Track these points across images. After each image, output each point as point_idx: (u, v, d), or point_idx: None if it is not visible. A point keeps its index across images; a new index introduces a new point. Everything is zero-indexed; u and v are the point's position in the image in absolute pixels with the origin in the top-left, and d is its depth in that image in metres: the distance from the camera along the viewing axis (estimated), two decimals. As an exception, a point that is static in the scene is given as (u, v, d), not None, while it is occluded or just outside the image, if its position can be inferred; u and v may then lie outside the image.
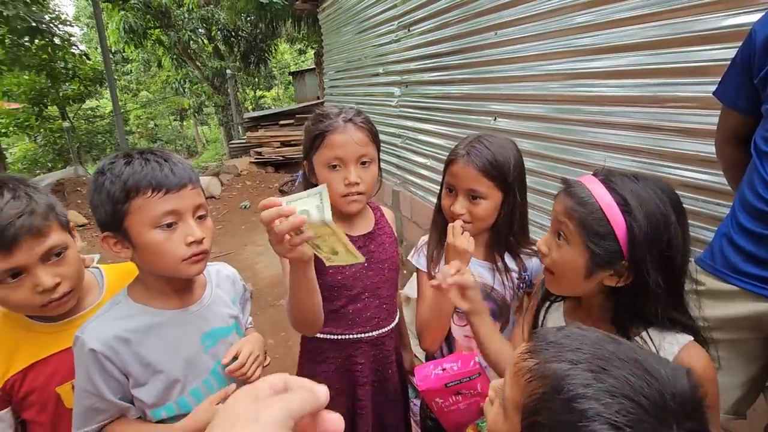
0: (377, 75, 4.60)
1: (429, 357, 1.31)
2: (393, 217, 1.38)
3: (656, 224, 0.75)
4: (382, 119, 4.49)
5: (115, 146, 11.35)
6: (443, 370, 1.03)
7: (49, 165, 10.06)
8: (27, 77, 8.92)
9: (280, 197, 0.81)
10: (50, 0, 8.77)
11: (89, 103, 13.82)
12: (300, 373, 1.30)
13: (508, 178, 1.07)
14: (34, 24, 6.93)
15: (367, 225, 1.24)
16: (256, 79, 16.90)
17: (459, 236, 1.06)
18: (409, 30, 3.71)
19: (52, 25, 7.82)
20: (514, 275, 1.17)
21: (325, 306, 1.10)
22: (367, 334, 1.21)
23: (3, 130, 9.85)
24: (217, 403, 0.94)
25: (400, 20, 3.88)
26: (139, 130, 18.22)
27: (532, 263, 1.18)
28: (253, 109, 16.67)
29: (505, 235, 1.15)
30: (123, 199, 0.83)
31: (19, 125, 9.64)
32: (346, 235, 0.84)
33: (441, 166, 3.49)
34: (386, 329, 1.23)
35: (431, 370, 1.04)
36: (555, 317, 0.98)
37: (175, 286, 0.96)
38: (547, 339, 0.55)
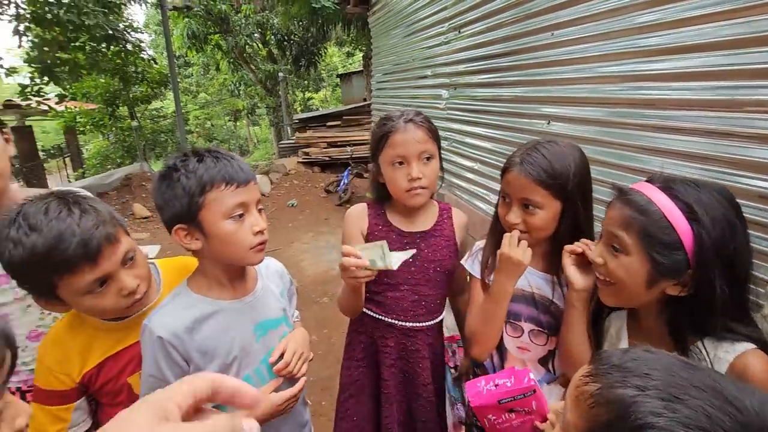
0: (425, 77, 4.60)
1: (477, 365, 1.29)
2: (464, 223, 1.38)
3: (723, 231, 0.72)
4: (429, 121, 4.48)
5: (175, 144, 12.15)
6: (496, 386, 1.00)
7: (119, 161, 10.98)
8: (103, 80, 9.78)
9: (355, 245, 1.09)
10: (125, 9, 9.54)
11: (154, 104, 14.90)
12: (346, 341, 1.45)
13: (567, 186, 1.02)
14: (111, 32, 7.58)
15: (425, 223, 1.31)
16: (306, 82, 17.42)
17: (514, 247, 1.03)
18: (459, 32, 3.68)
19: (125, 32, 8.51)
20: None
21: (368, 286, 1.23)
22: (399, 322, 1.30)
23: (81, 129, 10.91)
24: (270, 392, 0.99)
25: (451, 22, 3.86)
26: (197, 129, 19.39)
27: None
28: (302, 111, 17.20)
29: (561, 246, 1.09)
30: (198, 192, 0.90)
31: (95, 124, 10.61)
32: (404, 231, 1.26)
33: (489, 171, 3.45)
34: (420, 324, 1.30)
35: (483, 386, 1.02)
36: (615, 331, 0.94)
37: (231, 277, 1.02)
38: (611, 362, 0.51)
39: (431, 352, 1.33)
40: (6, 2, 6.70)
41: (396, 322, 1.29)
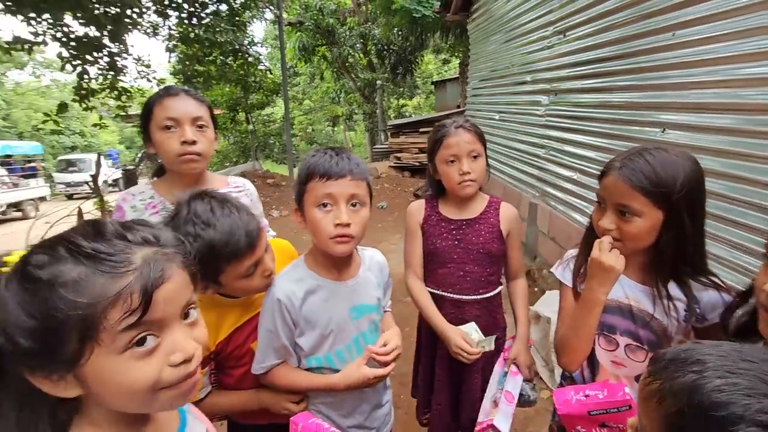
0: (523, 83, 4.47)
1: (564, 377, 1.27)
2: (513, 216, 1.53)
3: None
4: (525, 128, 4.34)
5: (282, 147, 13.40)
6: (586, 396, 0.98)
7: (235, 160, 12.49)
8: (228, 89, 11.22)
9: (459, 326, 1.41)
10: (248, 26, 10.85)
11: (266, 110, 16.64)
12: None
13: (671, 196, 0.95)
14: (237, 47, 8.68)
15: (472, 212, 1.51)
16: (401, 89, 17.90)
17: (605, 252, 0.99)
18: (564, 35, 3.52)
19: (248, 47, 9.67)
20: (681, 306, 1.05)
21: (426, 265, 1.54)
22: (448, 294, 1.51)
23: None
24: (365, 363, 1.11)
25: (556, 26, 3.71)
26: (300, 133, 21.13)
27: (706, 296, 1.03)
28: (395, 117, 17.71)
29: (670, 260, 1.02)
30: (304, 180, 1.06)
31: (218, 127, 12.21)
32: (452, 219, 1.50)
33: (590, 181, 3.25)
34: (466, 297, 1.50)
35: (572, 395, 0.99)
36: None
37: (334, 261, 1.13)
38: (666, 358, 0.55)
39: (478, 324, 1.48)
40: (162, 26, 8.09)
41: (445, 294, 1.51)
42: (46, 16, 5.60)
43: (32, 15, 5.50)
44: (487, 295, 1.52)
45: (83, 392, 0.54)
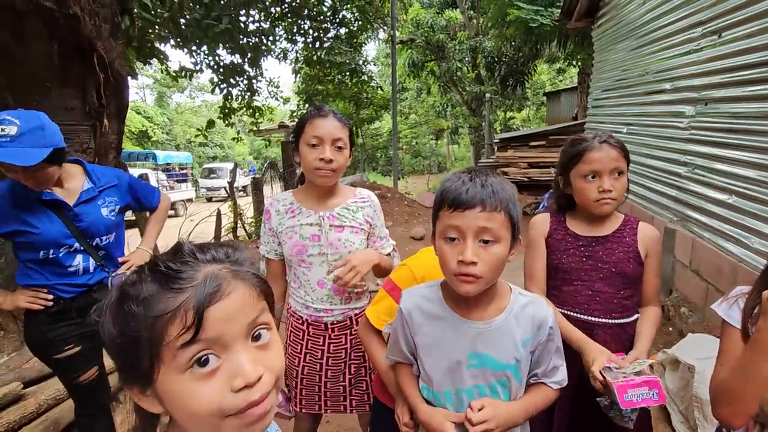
0: (661, 92, 3.95)
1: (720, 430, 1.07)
2: (653, 237, 1.39)
3: None
4: (661, 143, 3.82)
5: (387, 159, 13.91)
6: None
7: (346, 172, 13.35)
8: (342, 105, 12.09)
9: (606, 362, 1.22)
10: (363, 46, 11.59)
11: (374, 124, 17.49)
12: None
13: None
14: (353, 66, 9.32)
15: (604, 230, 1.41)
16: (509, 101, 17.27)
17: None
18: (720, 36, 3.03)
19: (363, 66, 10.32)
20: None
21: (548, 281, 1.44)
22: (575, 314, 1.39)
23: (323, 144, 13.73)
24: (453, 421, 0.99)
25: (707, 26, 3.22)
26: (405, 146, 21.71)
27: None
28: (501, 130, 17.11)
29: None
30: (437, 207, 0.99)
31: (332, 141, 13.19)
32: (580, 235, 1.40)
33: (747, 204, 2.76)
34: (594, 318, 1.37)
35: None
36: None
37: (463, 296, 0.97)
38: None
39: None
40: (290, 50, 9.10)
41: (571, 313, 1.40)
42: (204, 48, 6.74)
43: (194, 48, 6.67)
44: (621, 321, 1.38)
45: (161, 409, 0.54)
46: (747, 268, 2.60)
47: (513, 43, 11.37)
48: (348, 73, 9.84)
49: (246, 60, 7.38)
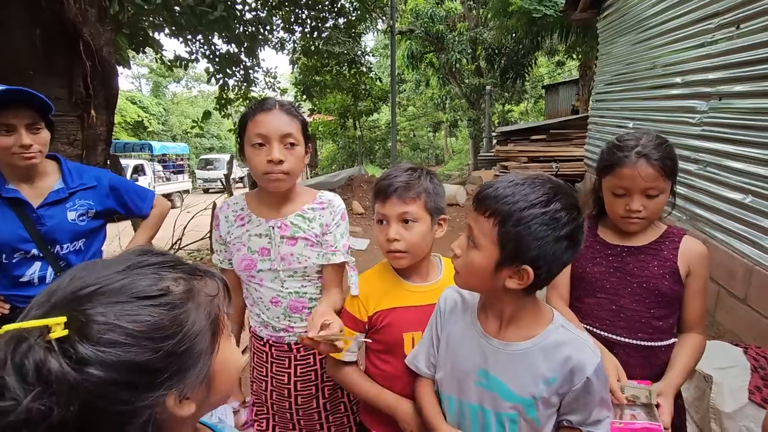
0: (670, 86, 3.83)
1: None
2: (698, 254, 1.23)
3: None
4: (670, 138, 3.70)
5: (386, 152, 13.79)
6: None
7: (343, 164, 13.22)
8: (340, 97, 11.93)
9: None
10: (362, 37, 11.38)
11: (372, 116, 17.30)
12: None
13: None
14: (352, 57, 9.14)
15: (639, 240, 1.27)
16: (508, 94, 17.11)
17: None
18: (738, 27, 2.91)
19: (362, 57, 10.13)
20: None
21: (571, 292, 1.32)
22: (596, 330, 1.27)
23: (320, 136, 13.64)
24: None
25: (723, 17, 3.09)
26: (403, 139, 21.54)
27: None
28: (500, 123, 16.96)
29: None
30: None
31: (330, 133, 13.05)
32: (609, 243, 1.28)
33: (766, 205, 2.65)
34: (616, 337, 1.25)
35: None
36: None
37: (493, 312, 0.94)
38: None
39: (627, 374, 1.18)
40: (288, 40, 8.89)
41: (592, 328, 1.28)
42: (200, 37, 6.55)
43: (189, 37, 6.48)
44: (650, 343, 1.23)
45: (194, 410, 0.54)
46: (763, 271, 2.51)
47: (514, 35, 11.20)
48: (346, 64, 9.66)
49: (242, 49, 7.20)
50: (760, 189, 2.59)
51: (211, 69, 7.11)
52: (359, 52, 10.19)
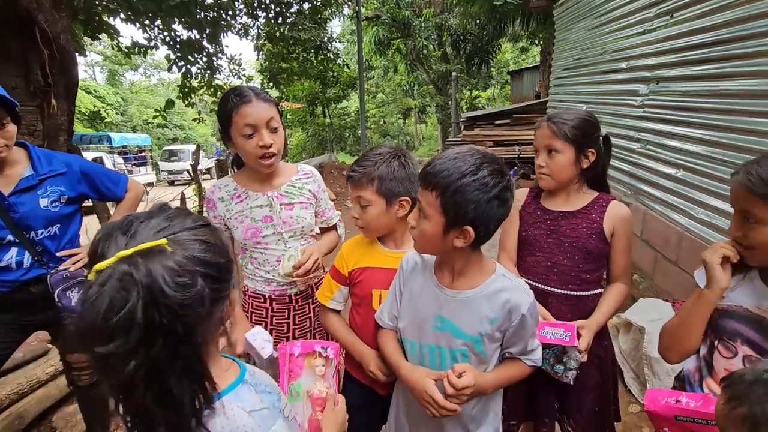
0: (617, 71, 4.11)
1: (679, 377, 1.22)
2: (621, 216, 1.42)
3: None
4: (617, 120, 4.01)
5: (356, 139, 13.79)
6: (677, 401, 0.95)
7: (313, 152, 13.14)
8: (307, 84, 11.80)
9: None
10: (328, 23, 11.24)
11: (341, 104, 17.19)
12: None
13: None
14: (318, 43, 9.06)
15: (573, 205, 1.46)
16: (475, 80, 17.39)
17: (712, 251, 1.02)
18: (672, 16, 3.17)
19: (328, 43, 10.05)
20: None
21: (518, 252, 1.54)
22: (534, 283, 1.45)
23: (288, 124, 13.48)
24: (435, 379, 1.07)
25: (660, 6, 3.35)
26: (373, 126, 21.52)
27: None
28: (468, 109, 17.26)
29: None
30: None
31: (299, 120, 12.90)
32: (548, 209, 1.48)
33: (695, 178, 2.95)
34: (551, 289, 1.45)
35: (664, 396, 0.98)
36: None
37: (448, 267, 1.11)
38: (747, 380, 0.54)
39: (560, 320, 1.40)
40: (252, 26, 8.70)
41: (530, 282, 1.45)
42: (158, 22, 6.33)
43: (147, 22, 6.26)
44: (578, 293, 1.44)
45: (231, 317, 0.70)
46: (692, 237, 2.82)
47: (478, 21, 11.38)
48: (313, 51, 9.56)
49: (204, 36, 7.01)
50: (691, 164, 2.89)
51: (172, 56, 6.90)
52: (326, 39, 10.10)
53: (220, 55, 7.78)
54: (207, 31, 6.78)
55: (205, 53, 7.32)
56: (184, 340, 0.57)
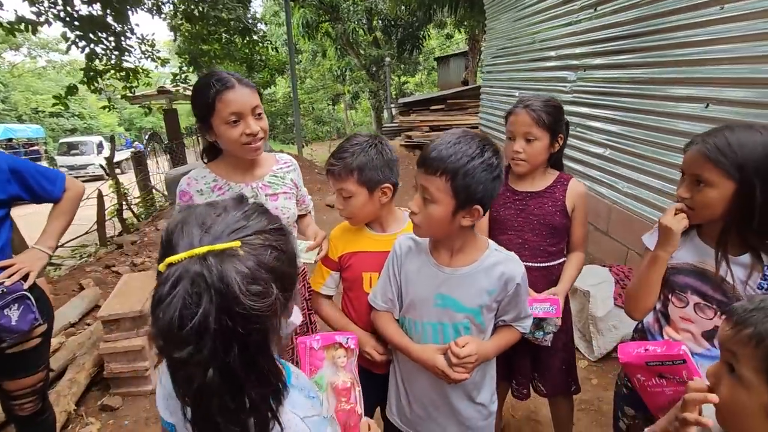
0: (546, 59, 4.44)
1: (637, 329, 1.37)
2: (579, 192, 1.56)
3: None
4: (548, 105, 4.34)
5: (288, 126, 13.29)
6: (645, 350, 1.08)
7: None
8: (233, 68, 11.04)
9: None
10: (250, 2, 10.57)
11: (267, 90, 16.39)
12: None
13: (744, 168, 1.01)
14: (243, 25, 8.50)
15: (538, 185, 1.56)
16: (404, 65, 17.61)
17: (668, 215, 1.12)
18: (595, 10, 3.49)
19: (254, 24, 9.47)
20: (756, 275, 1.11)
21: (490, 231, 1.60)
22: None
23: (213, 112, 12.46)
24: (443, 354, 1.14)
25: (584, 0, 3.66)
26: (303, 113, 20.84)
27: None
28: (397, 95, 17.47)
29: (739, 230, 1.08)
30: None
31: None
32: (516, 190, 1.56)
33: (619, 156, 3.28)
34: (524, 263, 1.50)
35: (634, 347, 1.11)
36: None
37: (442, 243, 1.15)
38: (747, 308, 0.65)
39: (537, 290, 1.54)
40: (165, 2, 7.89)
41: None
42: (50, -6, 5.47)
43: (36, -7, 5.38)
44: (546, 264, 1.58)
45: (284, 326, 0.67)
46: (619, 208, 3.19)
47: (408, 7, 11.48)
48: (238, 33, 8.95)
49: (109, 12, 6.23)
50: (615, 144, 3.24)
51: (70, 34, 6.02)
52: (251, 19, 9.51)
53: (129, 34, 7.00)
54: (112, 7, 6.04)
55: (112, 32, 6.53)
56: (258, 349, 0.55)
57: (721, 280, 1.15)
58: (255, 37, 9.84)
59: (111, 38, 6.60)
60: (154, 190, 8.56)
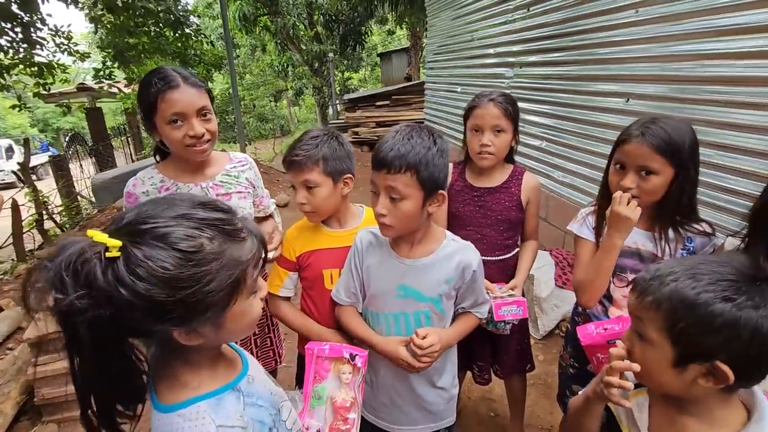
0: (485, 56, 4.63)
1: (578, 312, 1.47)
2: (533, 185, 1.62)
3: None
4: (489, 100, 4.53)
5: (228, 124, 12.69)
6: (605, 329, 1.18)
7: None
8: (165, 63, 10.30)
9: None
10: (180, -6, 9.91)
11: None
12: None
13: (681, 155, 1.14)
14: (175, 17, 7.98)
15: (495, 181, 1.61)
16: (347, 61, 17.47)
17: (623, 205, 1.17)
18: (528, 10, 3.69)
19: (187, 17, 8.91)
20: (678, 247, 1.25)
21: (449, 227, 1.60)
22: None
23: (143, 110, 11.56)
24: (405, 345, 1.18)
25: (518, 0, 3.86)
26: (244, 110, 19.95)
27: (698, 239, 1.24)
28: (341, 91, 17.33)
29: (672, 210, 1.22)
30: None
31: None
32: (475, 186, 1.59)
33: (555, 148, 3.49)
34: (483, 258, 1.45)
35: (593, 329, 1.19)
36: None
37: (408, 239, 1.18)
38: (646, 278, 0.76)
39: (492, 281, 1.60)
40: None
41: None
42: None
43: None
44: (503, 257, 1.66)
45: (201, 341, 0.66)
46: (555, 196, 3.42)
47: (349, 2, 11.40)
48: (170, 25, 8.37)
49: (14, 0, 5.59)
50: (550, 136, 3.46)
51: (-33, 24, 5.33)
52: (182, 11, 8.93)
53: (39, 25, 6.33)
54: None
55: (19, 22, 5.87)
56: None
57: (654, 257, 1.28)
58: (188, 31, 9.28)
59: (18, 29, 5.94)
60: (79, 197, 7.80)
